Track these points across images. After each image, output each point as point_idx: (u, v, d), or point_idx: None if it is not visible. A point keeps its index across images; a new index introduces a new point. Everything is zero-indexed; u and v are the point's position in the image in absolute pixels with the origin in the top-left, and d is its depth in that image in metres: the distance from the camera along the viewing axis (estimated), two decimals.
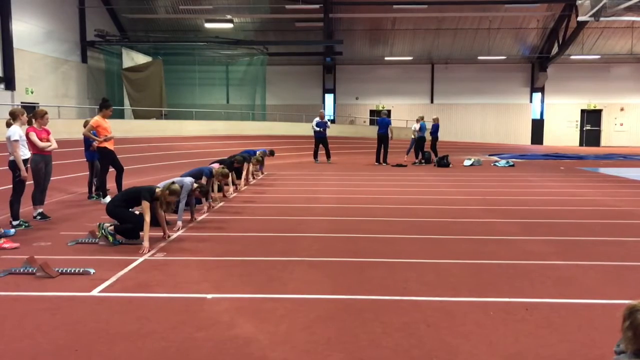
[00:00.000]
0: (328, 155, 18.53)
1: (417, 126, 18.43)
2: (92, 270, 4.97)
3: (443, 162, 17.16)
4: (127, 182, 9.67)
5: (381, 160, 17.92)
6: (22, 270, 4.92)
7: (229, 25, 23.10)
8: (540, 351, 3.36)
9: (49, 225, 7.27)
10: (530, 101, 30.64)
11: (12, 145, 6.92)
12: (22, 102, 17.33)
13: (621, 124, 30.43)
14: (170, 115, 22.57)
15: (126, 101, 22.98)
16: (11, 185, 7.21)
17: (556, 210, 8.79)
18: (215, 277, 4.90)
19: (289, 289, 4.57)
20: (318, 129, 18.25)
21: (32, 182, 7.52)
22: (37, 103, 17.27)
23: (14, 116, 7.18)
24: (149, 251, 5.73)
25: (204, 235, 6.75)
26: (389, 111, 28.78)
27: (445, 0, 25.03)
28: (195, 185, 7.36)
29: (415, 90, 30.58)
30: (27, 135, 7.26)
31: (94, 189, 9.73)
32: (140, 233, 6.03)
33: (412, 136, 19.06)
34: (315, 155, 18.70)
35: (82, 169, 10.66)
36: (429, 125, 19.02)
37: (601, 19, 15.75)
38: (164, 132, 18.27)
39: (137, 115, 22.02)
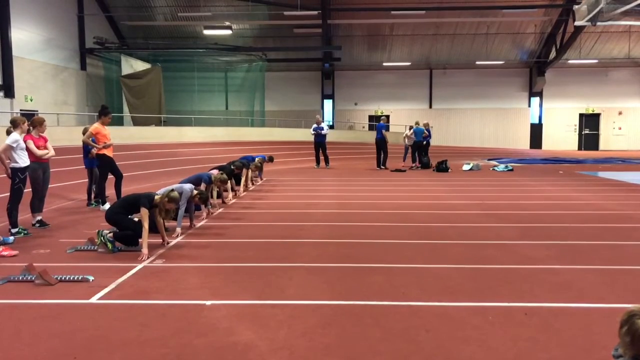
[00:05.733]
0: (326, 161, 18.61)
1: (409, 132, 18.76)
2: (91, 278, 4.97)
3: (442, 167, 17.20)
4: (126, 189, 9.67)
5: (381, 165, 18.13)
6: (21, 278, 4.92)
7: (228, 32, 23.15)
8: (539, 355, 3.36)
9: (48, 233, 7.27)
10: (529, 105, 30.72)
11: (3, 147, 6.91)
12: (21, 110, 17.35)
13: (619, 128, 30.50)
14: (169, 122, 22.59)
15: (125, 108, 23.00)
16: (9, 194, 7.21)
17: (555, 214, 8.80)
18: (214, 284, 4.90)
19: (288, 295, 4.57)
20: (313, 133, 18.39)
21: (31, 189, 7.53)
22: (37, 110, 17.29)
23: (14, 124, 7.19)
24: (148, 258, 5.73)
25: (203, 241, 6.75)
26: (387, 116, 28.86)
27: (442, 5, 25.12)
28: (195, 191, 7.37)
29: (414, 96, 30.66)
30: (24, 143, 7.26)
31: (93, 196, 9.73)
32: (139, 240, 6.03)
33: (403, 142, 19.48)
34: (317, 161, 18.77)
35: (81, 176, 10.67)
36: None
37: (598, 23, 15.78)
38: (163, 139, 18.29)
39: (136, 122, 22.05)
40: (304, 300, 4.44)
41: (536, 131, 30.83)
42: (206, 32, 24.48)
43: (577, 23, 16.62)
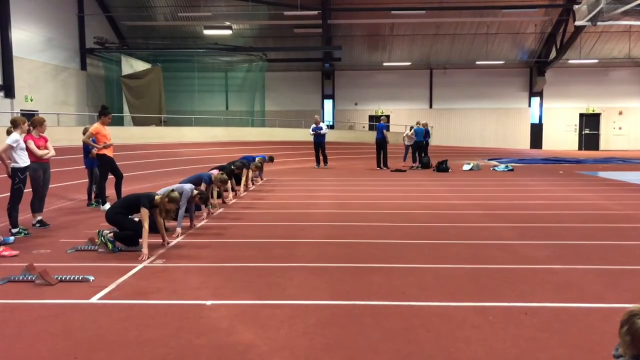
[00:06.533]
0: (324, 161, 18.65)
1: (409, 132, 18.85)
2: (91, 278, 4.97)
3: (442, 167, 17.20)
4: (127, 189, 9.68)
5: (382, 165, 18.17)
6: (21, 278, 4.92)
7: (228, 32, 23.17)
8: (539, 356, 3.36)
9: (48, 233, 7.27)
10: (529, 105, 30.72)
11: (4, 147, 6.93)
12: (21, 110, 17.37)
13: (620, 128, 30.50)
14: (169, 122, 22.61)
15: (125, 108, 23.02)
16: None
17: (555, 214, 8.79)
18: (214, 284, 4.90)
19: (288, 295, 4.57)
20: (312, 133, 18.43)
21: (31, 189, 7.53)
22: (37, 110, 17.30)
23: (15, 124, 7.21)
24: (148, 258, 5.73)
25: (204, 241, 6.75)
26: (387, 117, 28.87)
27: (443, 5, 25.11)
28: (195, 191, 7.37)
29: (414, 96, 30.67)
30: (25, 143, 7.26)
31: (93, 196, 9.73)
32: (140, 240, 6.03)
33: (403, 142, 19.61)
34: (317, 161, 18.80)
35: (81, 176, 10.67)
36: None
37: (598, 23, 15.79)
38: (164, 139, 18.29)
39: (137, 122, 22.06)
40: (304, 300, 4.44)
41: (536, 131, 30.84)
42: (206, 32, 24.49)
43: (577, 23, 16.63)
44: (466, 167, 18.08)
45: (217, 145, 19.39)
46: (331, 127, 28.07)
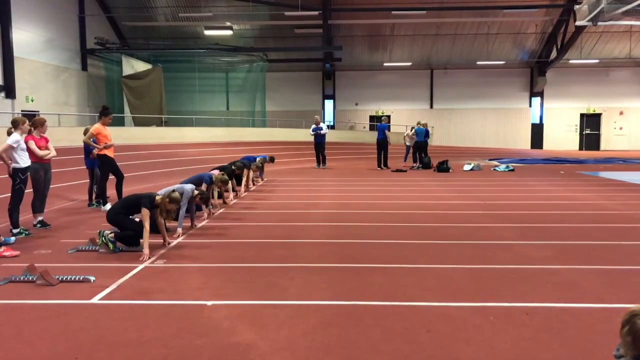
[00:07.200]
0: (323, 161, 18.66)
1: (410, 132, 18.89)
2: (92, 278, 4.97)
3: (443, 167, 17.19)
4: (128, 190, 9.68)
5: (382, 165, 18.19)
6: (22, 278, 4.92)
7: (229, 33, 23.19)
8: (540, 356, 3.35)
9: (49, 233, 7.27)
10: (530, 105, 30.72)
11: (4, 147, 6.93)
12: (22, 110, 17.37)
13: (620, 128, 30.50)
14: (170, 123, 22.61)
15: (126, 109, 23.04)
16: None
17: (556, 214, 8.79)
18: (215, 284, 4.90)
19: (289, 295, 4.57)
20: (312, 133, 18.45)
21: (32, 190, 7.54)
22: (38, 111, 17.32)
23: (15, 124, 7.22)
24: (149, 258, 5.74)
25: (204, 242, 6.76)
26: (389, 117, 28.86)
27: (443, 6, 25.12)
28: (196, 192, 7.37)
29: (415, 96, 30.67)
30: (26, 143, 7.28)
31: (94, 196, 9.74)
32: (141, 240, 6.03)
33: (404, 142, 19.65)
34: (318, 161, 18.81)
35: (82, 177, 10.68)
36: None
37: (599, 23, 15.80)
38: (164, 139, 18.30)
39: (137, 123, 22.07)
40: (304, 300, 4.44)
41: (537, 131, 30.83)
42: (207, 32, 24.51)
43: (578, 23, 16.64)
44: (467, 168, 18.07)
45: (217, 146, 19.40)
46: (332, 127, 28.07)
